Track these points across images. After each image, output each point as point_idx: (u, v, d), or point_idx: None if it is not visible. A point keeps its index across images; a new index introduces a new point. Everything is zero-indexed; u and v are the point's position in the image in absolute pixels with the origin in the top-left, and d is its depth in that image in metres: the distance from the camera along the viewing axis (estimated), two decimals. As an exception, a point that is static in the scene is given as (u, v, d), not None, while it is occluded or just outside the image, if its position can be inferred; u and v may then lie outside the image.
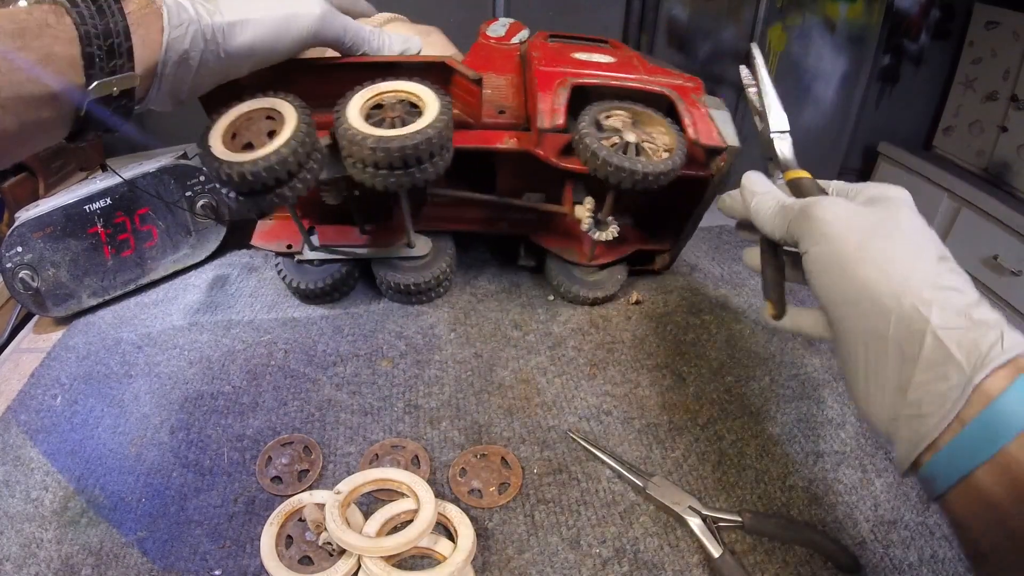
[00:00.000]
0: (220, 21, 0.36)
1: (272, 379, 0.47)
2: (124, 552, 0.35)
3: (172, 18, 0.35)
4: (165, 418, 0.44)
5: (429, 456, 0.41)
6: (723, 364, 0.49)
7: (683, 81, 0.48)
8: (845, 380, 0.30)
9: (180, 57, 0.36)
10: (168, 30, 0.35)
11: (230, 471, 0.40)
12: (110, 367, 0.49)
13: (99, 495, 0.39)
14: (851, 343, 0.28)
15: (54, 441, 0.43)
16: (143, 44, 0.34)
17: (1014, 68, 1.42)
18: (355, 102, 0.42)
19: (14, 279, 0.51)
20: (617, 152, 0.43)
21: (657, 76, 0.48)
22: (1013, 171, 1.41)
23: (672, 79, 0.48)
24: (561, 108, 0.44)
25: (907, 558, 0.35)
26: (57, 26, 0.31)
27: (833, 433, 0.43)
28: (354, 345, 0.51)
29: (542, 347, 0.51)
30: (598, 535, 0.36)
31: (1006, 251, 1.29)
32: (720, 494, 0.39)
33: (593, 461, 0.41)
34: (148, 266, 0.58)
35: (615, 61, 0.50)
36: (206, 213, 0.60)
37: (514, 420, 0.44)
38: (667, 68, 0.50)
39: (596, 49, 0.53)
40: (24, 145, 0.34)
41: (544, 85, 0.46)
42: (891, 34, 1.60)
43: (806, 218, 0.30)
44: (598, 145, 0.43)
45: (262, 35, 0.38)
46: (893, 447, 0.27)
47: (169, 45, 0.35)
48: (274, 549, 0.34)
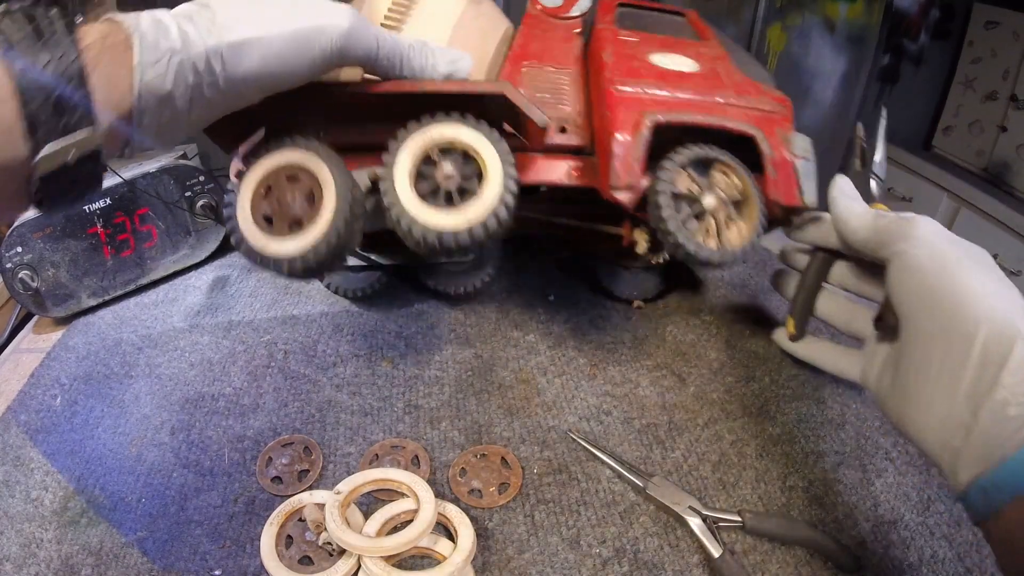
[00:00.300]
0: (216, 44, 0.27)
1: (273, 380, 0.47)
2: (124, 552, 0.35)
3: (146, 50, 0.26)
4: (166, 419, 0.44)
5: (429, 456, 0.41)
6: (723, 364, 0.49)
7: (772, 106, 0.39)
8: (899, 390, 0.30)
9: (161, 99, 0.27)
10: (140, 69, 0.26)
11: (230, 471, 0.40)
12: (110, 367, 0.49)
13: (99, 495, 0.39)
14: (927, 344, 0.28)
15: (54, 441, 0.43)
16: (108, 85, 0.25)
17: (1014, 68, 1.42)
18: (403, 161, 0.34)
19: (14, 279, 0.51)
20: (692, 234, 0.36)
21: (746, 97, 0.39)
22: (1013, 171, 1.41)
23: (761, 102, 0.39)
24: (640, 163, 0.36)
25: (907, 558, 0.35)
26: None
27: (833, 433, 0.43)
28: (354, 345, 0.50)
29: (542, 347, 0.51)
30: (598, 535, 0.36)
31: (1006, 251, 1.29)
32: (720, 494, 0.39)
33: (593, 461, 0.41)
34: (148, 266, 0.58)
35: (700, 71, 0.40)
36: (206, 213, 0.60)
37: (514, 420, 0.44)
38: (755, 79, 0.41)
39: (677, 44, 0.43)
40: None
41: (621, 121, 0.36)
42: (891, 34, 1.60)
43: (908, 223, 0.32)
44: (676, 225, 0.35)
45: (275, 56, 0.29)
46: (952, 460, 0.27)
47: (144, 87, 0.26)
48: (274, 549, 0.34)
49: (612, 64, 0.39)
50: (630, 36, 0.42)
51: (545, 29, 0.45)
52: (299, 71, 0.30)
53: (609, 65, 0.39)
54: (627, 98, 0.37)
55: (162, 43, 0.26)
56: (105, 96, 0.25)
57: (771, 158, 0.37)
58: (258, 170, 0.33)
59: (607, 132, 0.37)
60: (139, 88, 0.26)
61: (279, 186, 0.33)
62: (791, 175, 0.37)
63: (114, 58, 0.26)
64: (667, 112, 0.36)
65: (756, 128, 0.37)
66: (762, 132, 0.37)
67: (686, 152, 0.36)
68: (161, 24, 0.27)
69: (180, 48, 0.27)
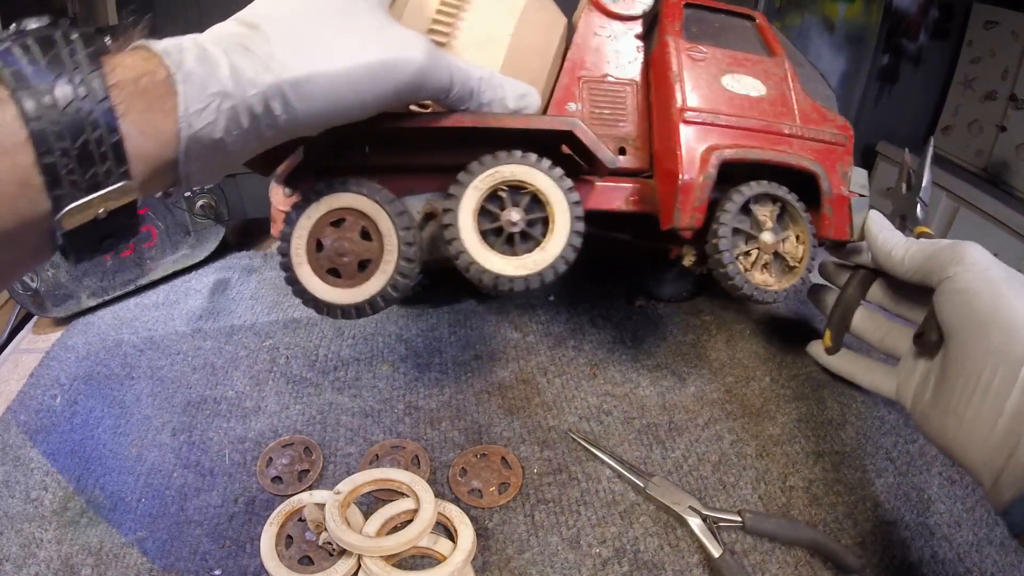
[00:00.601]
0: (276, 82, 0.24)
1: (275, 384, 0.47)
2: (124, 552, 0.35)
3: (192, 95, 0.22)
4: (166, 420, 0.44)
5: (429, 456, 0.41)
6: (723, 364, 0.49)
7: (834, 136, 0.39)
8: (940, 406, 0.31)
9: (210, 147, 0.24)
10: (185, 119, 0.22)
11: (231, 471, 0.40)
12: (111, 368, 0.49)
13: (99, 495, 0.39)
14: (975, 364, 0.29)
15: (54, 441, 0.43)
16: (143, 135, 0.22)
17: (1013, 68, 1.42)
18: (470, 198, 0.33)
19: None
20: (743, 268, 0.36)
21: (811, 126, 0.39)
22: (1012, 171, 1.42)
23: (823, 132, 0.39)
24: (704, 203, 0.35)
25: (907, 558, 0.35)
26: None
27: (833, 433, 0.43)
28: (355, 349, 0.51)
29: (542, 347, 0.51)
30: (598, 535, 0.36)
31: (1005, 251, 1.29)
32: (720, 494, 0.39)
33: (593, 461, 0.41)
34: (147, 266, 0.58)
35: (767, 95, 0.39)
36: (205, 213, 0.60)
37: (514, 420, 0.44)
38: (818, 98, 0.41)
39: (746, 62, 0.40)
40: None
41: (688, 161, 0.35)
42: (890, 34, 1.60)
43: (958, 249, 0.33)
44: (730, 259, 0.35)
45: (341, 96, 0.25)
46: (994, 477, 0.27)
47: (192, 139, 0.23)
48: (274, 549, 0.34)
49: (681, 87, 0.37)
50: (699, 52, 0.39)
51: (604, 31, 0.41)
52: (368, 108, 0.27)
53: (677, 89, 0.37)
54: (695, 133, 0.36)
55: (211, 85, 0.23)
56: (140, 145, 0.22)
57: (829, 197, 0.37)
58: (316, 211, 0.32)
59: (672, 169, 0.36)
60: (185, 140, 0.23)
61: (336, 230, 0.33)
62: (845, 213, 0.38)
63: (152, 103, 0.22)
64: (735, 150, 0.36)
65: (819, 165, 0.37)
66: (823, 169, 0.37)
67: (750, 189, 0.36)
68: (208, 58, 0.23)
69: (232, 90, 0.23)
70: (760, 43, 0.42)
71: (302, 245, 0.32)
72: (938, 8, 1.59)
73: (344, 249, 0.32)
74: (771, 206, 0.37)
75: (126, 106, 0.21)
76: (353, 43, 0.26)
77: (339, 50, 0.25)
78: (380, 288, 0.32)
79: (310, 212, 0.32)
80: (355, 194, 0.32)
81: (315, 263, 0.33)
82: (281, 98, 0.24)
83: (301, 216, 0.32)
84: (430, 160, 0.35)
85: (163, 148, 0.22)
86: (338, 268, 0.33)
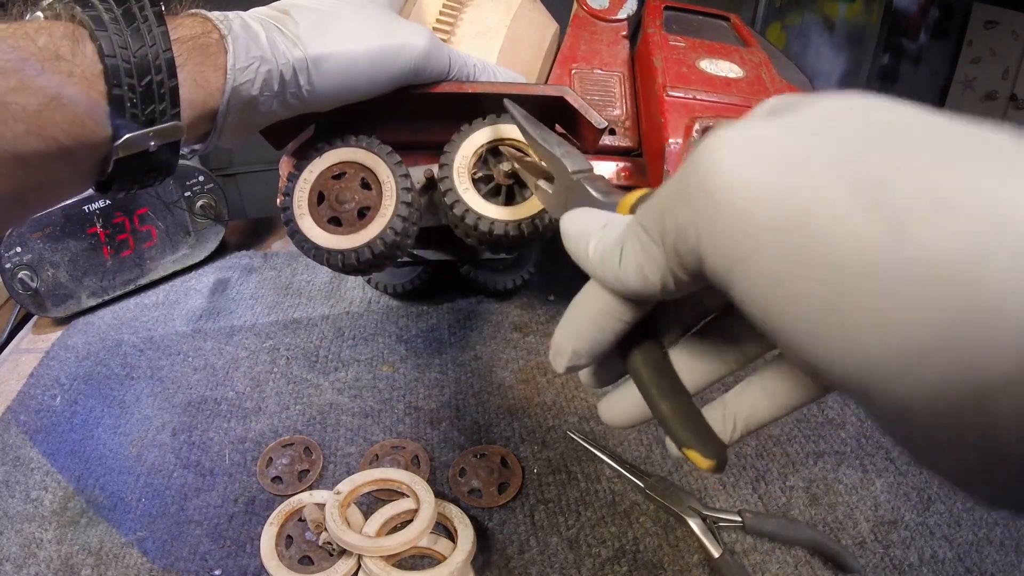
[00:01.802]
0: (302, 57, 0.28)
1: (275, 385, 0.47)
2: (124, 552, 0.35)
3: (239, 54, 0.27)
4: (167, 420, 0.44)
5: (429, 456, 0.41)
6: (723, 364, 0.49)
7: None
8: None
9: (246, 103, 0.28)
10: (233, 74, 0.27)
11: (231, 472, 0.40)
12: (111, 368, 0.49)
13: (99, 495, 0.39)
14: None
15: (54, 441, 0.43)
16: (195, 84, 0.26)
17: (1013, 67, 1.42)
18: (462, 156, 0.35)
19: (13, 279, 0.51)
20: None
21: None
22: (1012, 171, 1.42)
23: None
24: None
25: (907, 558, 0.35)
26: (73, 58, 0.23)
27: (833, 433, 0.43)
28: (355, 350, 0.51)
29: (542, 347, 0.51)
30: (598, 535, 0.36)
31: (1005, 250, 1.30)
32: (720, 494, 0.39)
33: (593, 461, 0.41)
34: (147, 266, 0.58)
35: (745, 76, 0.42)
36: (205, 213, 0.60)
37: (514, 420, 0.44)
38: (794, 83, 0.43)
39: (723, 49, 0.43)
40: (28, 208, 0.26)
41: (673, 126, 0.38)
42: (890, 33, 1.60)
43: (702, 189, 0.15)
44: None
45: (357, 72, 0.30)
46: None
47: (234, 92, 0.27)
48: (274, 549, 0.34)
49: (663, 70, 0.40)
50: (679, 41, 0.43)
51: (592, 31, 0.45)
52: (377, 86, 0.31)
53: (660, 71, 0.40)
54: (679, 104, 0.39)
55: (252, 49, 0.27)
56: (192, 93, 0.26)
57: None
58: (318, 165, 0.35)
59: (659, 136, 0.38)
60: (229, 90, 0.27)
61: (337, 182, 0.35)
62: None
63: (206, 58, 0.26)
64: (715, 118, 0.38)
65: None
66: None
67: None
68: (251, 29, 0.27)
69: (269, 57, 0.28)
70: (736, 38, 0.46)
71: (304, 197, 0.34)
72: (938, 8, 1.59)
73: (344, 197, 0.34)
74: None
75: (184, 58, 0.25)
76: (366, 31, 0.30)
77: (354, 36, 0.30)
78: (379, 231, 0.34)
79: (312, 167, 0.35)
80: (354, 147, 0.35)
81: (316, 214, 0.34)
82: (306, 71, 0.29)
83: (303, 171, 0.35)
84: (429, 137, 0.38)
85: (209, 97, 0.27)
86: (339, 216, 0.34)
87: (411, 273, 0.54)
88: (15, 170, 0.23)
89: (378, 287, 0.55)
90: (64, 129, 0.23)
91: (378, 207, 0.34)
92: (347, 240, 0.34)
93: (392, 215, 0.34)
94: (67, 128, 0.23)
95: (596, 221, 0.21)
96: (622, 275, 0.19)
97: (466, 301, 0.56)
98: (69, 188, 0.26)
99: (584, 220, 0.21)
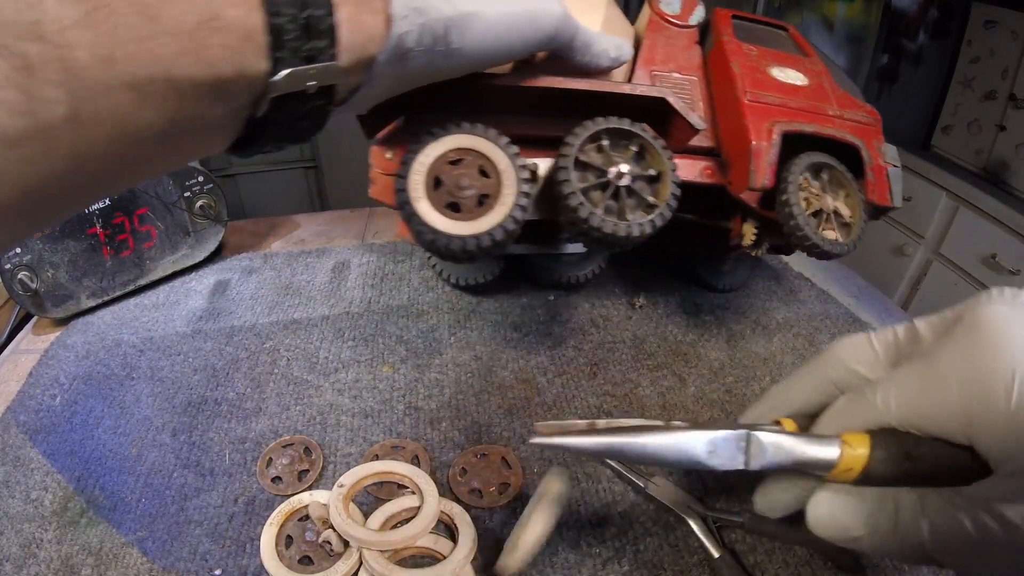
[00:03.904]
0: (454, 13, 0.27)
1: (275, 386, 0.47)
2: (124, 552, 0.35)
3: (399, 3, 0.25)
4: (167, 420, 0.44)
5: (429, 456, 0.41)
6: (723, 364, 0.49)
7: (867, 118, 0.44)
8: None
9: (401, 55, 0.27)
10: (397, 23, 0.25)
11: (231, 472, 0.40)
12: (111, 368, 0.49)
13: (99, 495, 0.39)
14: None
15: (54, 441, 0.43)
16: (352, 27, 0.24)
17: (1012, 67, 1.42)
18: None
19: (13, 280, 0.51)
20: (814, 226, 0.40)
21: (846, 110, 0.44)
22: (1012, 170, 1.42)
23: (858, 115, 0.44)
24: (773, 167, 0.40)
25: (907, 557, 0.35)
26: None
27: (833, 433, 0.43)
28: (355, 351, 0.51)
29: (542, 347, 0.51)
30: (598, 535, 0.36)
31: (1004, 250, 1.30)
32: (720, 494, 0.39)
33: (593, 461, 0.41)
34: (147, 267, 0.58)
35: (809, 84, 0.45)
36: (204, 213, 0.60)
37: (514, 420, 0.44)
38: (849, 92, 0.46)
39: (788, 59, 0.47)
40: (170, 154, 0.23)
41: (756, 129, 0.40)
42: (889, 33, 1.60)
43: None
44: (804, 220, 0.39)
45: (500, 34, 0.30)
46: None
47: (393, 39, 0.26)
48: (274, 549, 0.34)
49: (741, 75, 0.43)
50: (751, 50, 0.46)
51: (667, 36, 0.47)
52: (516, 50, 0.31)
53: (739, 76, 0.43)
54: (758, 108, 0.41)
55: (411, 1, 0.26)
56: (349, 35, 0.24)
57: (870, 165, 0.42)
58: (435, 149, 0.35)
59: (741, 138, 0.41)
60: (395, 37, 0.26)
61: (454, 168, 0.35)
62: (885, 180, 0.43)
63: (363, 3, 0.25)
64: (791, 123, 0.41)
65: (859, 139, 0.42)
66: (863, 142, 0.42)
67: (807, 158, 0.41)
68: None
69: (425, 9, 0.26)
70: (794, 46, 0.49)
71: (420, 181, 0.34)
72: (938, 8, 1.59)
73: (464, 183, 0.34)
74: (825, 172, 0.42)
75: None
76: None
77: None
78: (500, 220, 0.34)
79: (428, 151, 0.34)
80: (471, 135, 0.35)
81: (434, 198, 0.34)
82: (456, 28, 0.28)
83: (419, 154, 0.34)
84: (523, 131, 0.38)
85: (367, 42, 0.25)
86: (458, 202, 0.34)
87: (482, 269, 0.54)
88: (167, 97, 0.20)
89: (449, 279, 0.56)
90: (220, 54, 0.21)
91: (498, 195, 0.35)
92: (467, 227, 0.34)
93: (513, 204, 0.34)
94: (224, 54, 0.21)
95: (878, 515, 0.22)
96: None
97: (466, 302, 0.56)
98: (216, 134, 0.24)
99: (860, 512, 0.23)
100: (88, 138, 0.19)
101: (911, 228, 1.57)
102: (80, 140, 0.19)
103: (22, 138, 0.18)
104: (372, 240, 0.67)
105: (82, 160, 0.19)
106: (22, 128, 0.18)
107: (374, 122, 0.37)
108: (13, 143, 0.18)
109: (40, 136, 0.18)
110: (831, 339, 0.52)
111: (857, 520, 0.22)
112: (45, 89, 0.18)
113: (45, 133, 0.18)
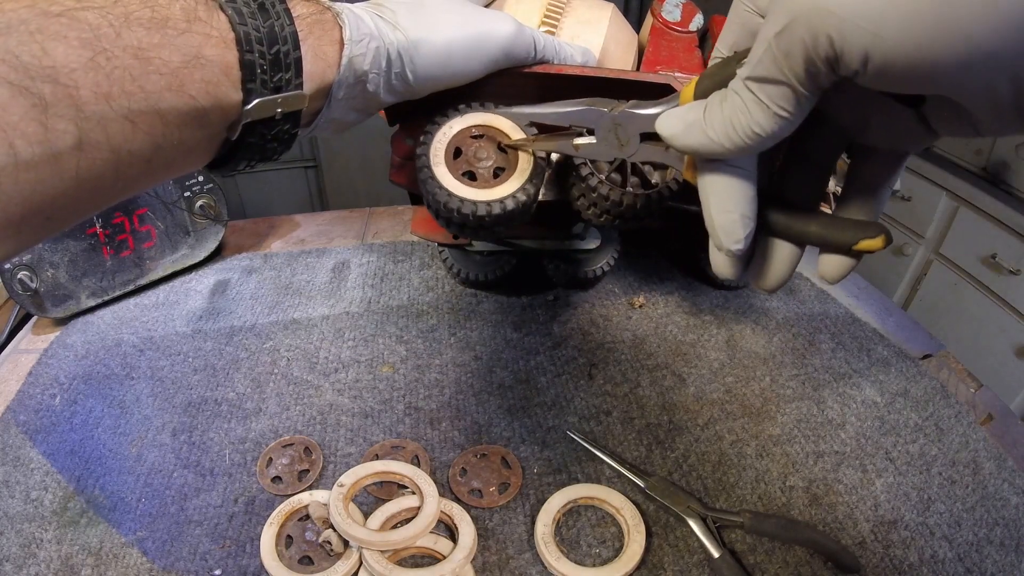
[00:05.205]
0: (403, 39, 0.31)
1: (276, 386, 0.47)
2: (124, 552, 0.35)
3: (352, 29, 0.29)
4: (167, 420, 0.44)
5: (429, 456, 0.41)
6: (723, 364, 0.49)
7: None
8: None
9: (358, 77, 0.30)
10: (349, 46, 0.29)
11: (231, 471, 0.40)
12: (110, 368, 0.49)
13: (99, 495, 0.39)
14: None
15: (54, 441, 0.43)
16: (314, 57, 0.28)
17: (1013, 67, 1.42)
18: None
19: (12, 280, 0.51)
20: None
21: None
22: (1011, 170, 1.42)
23: None
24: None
25: (907, 558, 0.35)
26: (210, 22, 0.25)
27: (833, 433, 0.43)
28: (355, 351, 0.51)
29: (542, 347, 0.51)
30: (598, 535, 0.36)
31: (1004, 250, 1.30)
32: (720, 494, 0.39)
33: (593, 461, 0.41)
34: (147, 266, 0.58)
35: None
36: (204, 213, 0.60)
37: (514, 420, 0.44)
38: None
39: None
40: (157, 173, 0.26)
41: None
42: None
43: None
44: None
45: (453, 55, 0.32)
46: None
47: (347, 64, 0.29)
48: (274, 549, 0.34)
49: None
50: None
51: (669, 40, 0.50)
52: (471, 71, 0.34)
53: None
54: None
55: (362, 28, 0.29)
56: (312, 64, 0.28)
57: None
58: (459, 123, 0.36)
59: None
60: (344, 63, 0.29)
61: (475, 141, 0.36)
62: None
63: (324, 33, 0.29)
64: None
65: None
66: None
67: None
68: (355, 12, 0.30)
69: (376, 36, 0.30)
70: None
71: (441, 149, 0.36)
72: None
73: (483, 155, 0.36)
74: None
75: (305, 33, 0.28)
76: (456, 18, 0.33)
77: (446, 23, 0.32)
78: (514, 190, 0.35)
79: (453, 123, 0.36)
80: (495, 114, 0.36)
81: (452, 165, 0.36)
82: (407, 53, 0.31)
83: (444, 125, 0.36)
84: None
85: (328, 69, 0.29)
86: (474, 171, 0.36)
87: (494, 264, 0.55)
88: (154, 125, 0.23)
89: (459, 276, 0.56)
90: (201, 88, 0.24)
91: (514, 169, 0.36)
92: (481, 194, 0.35)
93: (528, 178, 0.36)
94: (204, 87, 0.24)
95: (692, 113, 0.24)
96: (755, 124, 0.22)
97: (466, 302, 0.56)
98: (196, 155, 0.27)
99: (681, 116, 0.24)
100: (90, 161, 0.22)
101: (911, 228, 1.57)
102: (84, 163, 0.22)
103: (38, 163, 0.21)
104: (372, 240, 0.67)
105: (84, 180, 0.22)
106: (38, 154, 0.21)
107: (396, 110, 0.39)
108: (30, 167, 0.21)
109: (51, 161, 0.21)
110: (831, 339, 0.52)
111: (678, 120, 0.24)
112: (57, 122, 0.21)
113: (56, 158, 0.21)
